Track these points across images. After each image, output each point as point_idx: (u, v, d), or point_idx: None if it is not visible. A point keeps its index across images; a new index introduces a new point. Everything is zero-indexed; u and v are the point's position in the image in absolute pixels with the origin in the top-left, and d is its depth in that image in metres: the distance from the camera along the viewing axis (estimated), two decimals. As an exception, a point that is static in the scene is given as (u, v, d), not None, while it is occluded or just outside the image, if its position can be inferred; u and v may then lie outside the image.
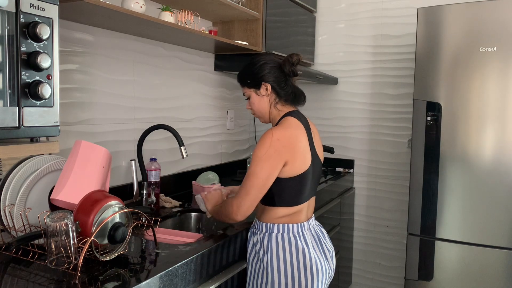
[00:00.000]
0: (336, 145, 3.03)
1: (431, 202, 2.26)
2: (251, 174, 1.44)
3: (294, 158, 1.46)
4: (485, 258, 2.15)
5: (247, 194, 1.43)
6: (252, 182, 1.43)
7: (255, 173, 1.43)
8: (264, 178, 1.43)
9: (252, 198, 1.43)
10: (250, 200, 1.43)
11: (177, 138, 1.86)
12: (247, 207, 1.44)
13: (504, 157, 2.09)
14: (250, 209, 1.45)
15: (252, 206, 1.45)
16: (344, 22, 2.98)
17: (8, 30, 1.07)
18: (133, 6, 1.66)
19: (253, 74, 1.57)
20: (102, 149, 1.40)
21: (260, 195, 1.45)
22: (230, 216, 1.47)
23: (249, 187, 1.43)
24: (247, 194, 1.43)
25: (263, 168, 1.43)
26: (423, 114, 2.25)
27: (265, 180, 1.43)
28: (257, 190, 1.43)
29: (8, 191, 1.29)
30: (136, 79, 2.04)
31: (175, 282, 1.23)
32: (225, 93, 2.75)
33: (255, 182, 1.43)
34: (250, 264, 1.57)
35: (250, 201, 1.44)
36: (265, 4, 2.39)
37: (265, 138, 1.45)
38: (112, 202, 1.25)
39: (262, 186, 1.43)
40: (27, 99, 1.12)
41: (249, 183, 1.44)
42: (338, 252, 2.70)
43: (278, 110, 1.57)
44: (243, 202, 1.44)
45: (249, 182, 1.44)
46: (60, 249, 1.13)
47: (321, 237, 1.59)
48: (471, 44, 2.12)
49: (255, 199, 1.44)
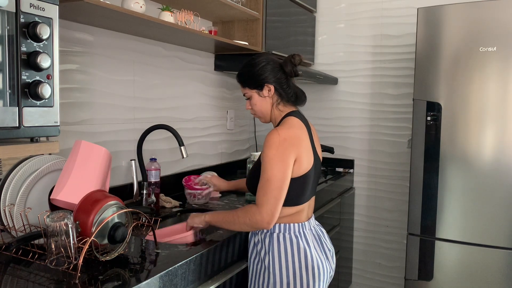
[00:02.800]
0: (336, 145, 3.03)
1: (431, 202, 2.26)
2: (269, 178, 1.40)
3: (301, 157, 1.45)
4: (485, 258, 2.15)
5: (272, 198, 1.39)
6: (272, 187, 1.40)
7: (273, 176, 1.40)
8: (282, 179, 1.40)
9: (277, 201, 1.40)
10: (275, 203, 1.40)
11: (177, 138, 1.86)
12: (273, 212, 1.40)
13: (504, 157, 2.09)
14: (276, 214, 1.41)
15: (278, 210, 1.41)
16: (344, 22, 2.98)
17: (8, 30, 1.07)
18: (133, 6, 1.66)
19: (255, 75, 1.55)
20: (102, 149, 1.40)
21: (282, 197, 1.41)
22: (259, 225, 1.42)
23: (270, 191, 1.40)
24: (272, 198, 1.39)
25: (279, 169, 1.40)
26: (423, 114, 2.25)
27: (283, 181, 1.41)
28: (278, 193, 1.40)
29: (8, 191, 1.29)
30: (136, 79, 2.04)
31: (175, 282, 1.23)
32: (225, 93, 2.75)
33: (275, 185, 1.40)
34: (251, 264, 1.57)
35: (276, 204, 1.40)
36: (265, 4, 2.39)
37: (272, 139, 1.43)
38: (112, 202, 1.25)
39: (281, 187, 1.40)
40: (27, 99, 1.12)
41: (269, 188, 1.40)
42: (338, 252, 2.70)
43: (279, 111, 1.57)
44: (270, 207, 1.39)
45: (269, 187, 1.40)
46: (60, 249, 1.13)
47: (321, 236, 1.59)
48: (471, 44, 2.12)
49: (279, 203, 1.41)
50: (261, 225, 1.41)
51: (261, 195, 1.41)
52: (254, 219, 1.41)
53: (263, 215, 1.40)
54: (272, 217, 1.40)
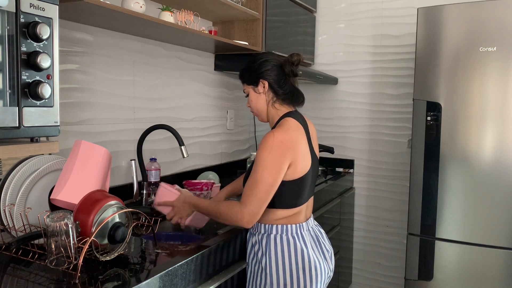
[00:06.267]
0: (336, 145, 3.03)
1: (431, 202, 2.26)
2: (258, 180, 1.40)
3: (296, 160, 1.44)
4: (485, 258, 2.15)
5: (256, 200, 1.40)
6: (258, 188, 1.40)
7: (262, 179, 1.40)
8: (271, 183, 1.40)
9: (261, 203, 1.40)
10: (259, 205, 1.40)
11: (177, 138, 1.86)
12: (254, 214, 1.40)
13: (504, 157, 2.09)
14: (258, 216, 1.42)
15: (260, 213, 1.42)
16: (344, 22, 2.98)
17: (8, 30, 1.07)
18: (133, 6, 1.66)
19: (252, 70, 1.56)
20: (102, 149, 1.40)
21: (267, 200, 1.42)
22: (238, 223, 1.43)
23: (256, 192, 1.40)
24: (256, 200, 1.40)
25: (269, 173, 1.40)
26: (423, 114, 2.25)
27: (272, 185, 1.41)
28: (264, 196, 1.40)
29: (8, 191, 1.29)
30: (136, 79, 2.04)
31: (175, 282, 1.23)
32: (225, 93, 2.75)
33: (262, 188, 1.40)
34: (249, 265, 1.57)
35: (259, 206, 1.40)
36: (265, 4, 2.39)
37: (267, 141, 1.42)
38: (112, 202, 1.25)
39: (269, 191, 1.41)
40: (27, 99, 1.12)
41: (255, 189, 1.40)
42: (338, 252, 2.70)
43: (276, 109, 1.56)
44: (252, 208, 1.40)
45: (255, 188, 1.40)
46: (60, 249, 1.13)
47: (319, 237, 1.59)
48: (471, 44, 2.12)
49: (262, 205, 1.41)
50: (241, 223, 1.42)
51: (246, 195, 1.42)
52: (235, 217, 1.42)
53: (244, 215, 1.40)
54: (253, 217, 1.41)
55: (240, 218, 1.41)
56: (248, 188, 1.42)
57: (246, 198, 1.42)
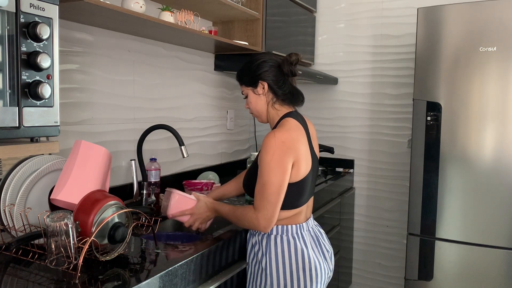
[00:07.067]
0: (336, 145, 3.03)
1: (431, 202, 2.26)
2: (265, 183, 1.40)
3: (299, 160, 1.44)
4: (485, 258, 2.15)
5: (268, 203, 1.40)
6: (267, 192, 1.40)
7: (269, 182, 1.40)
8: (279, 184, 1.40)
9: (273, 206, 1.41)
10: (272, 208, 1.41)
11: (177, 138, 1.86)
12: (269, 217, 1.41)
13: (504, 157, 2.09)
14: (273, 219, 1.42)
15: (275, 215, 1.42)
16: (344, 22, 2.98)
17: (8, 30, 1.07)
18: (133, 6, 1.66)
19: (250, 72, 1.55)
20: (102, 149, 1.40)
21: (279, 201, 1.42)
22: (257, 229, 1.45)
23: (267, 196, 1.40)
24: (268, 203, 1.40)
25: (276, 174, 1.40)
26: (423, 114, 2.25)
27: (280, 186, 1.40)
28: (274, 198, 1.40)
29: (8, 191, 1.29)
30: (136, 79, 2.04)
31: (175, 282, 1.23)
32: (225, 93, 2.75)
33: (271, 191, 1.40)
34: (249, 265, 1.57)
35: (272, 209, 1.41)
36: (265, 4, 2.39)
37: (269, 142, 1.41)
38: (112, 202, 1.25)
39: (278, 192, 1.40)
40: (27, 99, 1.12)
41: (265, 192, 1.40)
42: (338, 252, 2.70)
43: (276, 110, 1.56)
44: (266, 212, 1.41)
45: (265, 191, 1.40)
46: (60, 249, 1.13)
47: (319, 237, 1.58)
48: (471, 44, 2.12)
49: (275, 208, 1.41)
50: (259, 229, 1.45)
51: (258, 200, 1.43)
52: (252, 224, 1.44)
53: (260, 221, 1.42)
54: (269, 221, 1.42)
55: (257, 224, 1.43)
56: (258, 193, 1.43)
57: (258, 203, 1.42)
